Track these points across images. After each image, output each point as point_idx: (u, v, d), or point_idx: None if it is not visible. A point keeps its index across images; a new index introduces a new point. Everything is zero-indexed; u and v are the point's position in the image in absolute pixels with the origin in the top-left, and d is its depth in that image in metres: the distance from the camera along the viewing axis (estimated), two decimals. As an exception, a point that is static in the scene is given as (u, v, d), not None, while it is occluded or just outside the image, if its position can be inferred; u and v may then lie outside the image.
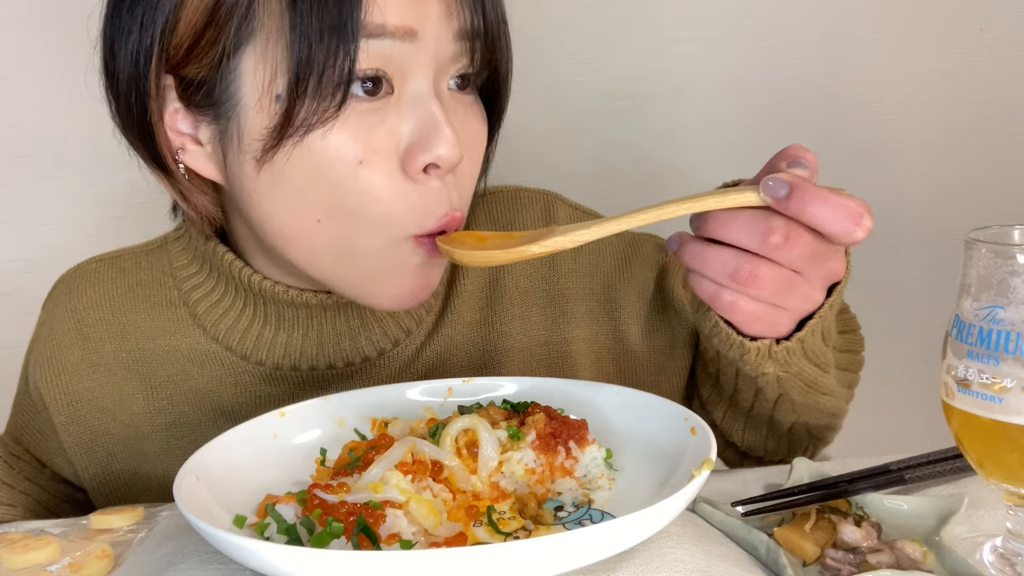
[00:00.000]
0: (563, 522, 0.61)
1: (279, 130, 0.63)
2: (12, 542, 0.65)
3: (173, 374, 0.83)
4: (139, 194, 1.38)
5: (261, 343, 0.80)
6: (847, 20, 1.38)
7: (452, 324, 0.85)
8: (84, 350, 0.84)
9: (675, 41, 1.38)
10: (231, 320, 0.80)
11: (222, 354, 0.81)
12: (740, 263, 0.60)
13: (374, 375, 0.83)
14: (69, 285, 0.87)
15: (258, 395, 0.82)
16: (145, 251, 0.87)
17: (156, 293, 0.84)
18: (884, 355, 1.53)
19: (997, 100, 1.42)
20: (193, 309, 0.82)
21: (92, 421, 0.84)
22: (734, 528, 0.63)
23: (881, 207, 1.45)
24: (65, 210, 1.37)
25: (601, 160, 1.41)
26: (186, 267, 0.83)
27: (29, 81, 1.33)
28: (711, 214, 0.61)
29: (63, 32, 1.32)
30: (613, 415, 0.71)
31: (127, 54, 0.68)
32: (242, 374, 0.81)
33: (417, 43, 0.65)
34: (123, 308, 0.84)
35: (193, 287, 0.82)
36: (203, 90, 0.67)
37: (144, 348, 0.83)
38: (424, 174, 0.67)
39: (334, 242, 0.69)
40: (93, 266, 0.88)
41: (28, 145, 1.35)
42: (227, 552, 0.52)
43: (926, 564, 0.58)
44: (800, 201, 0.59)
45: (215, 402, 0.82)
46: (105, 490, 0.87)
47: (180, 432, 0.83)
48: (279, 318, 0.79)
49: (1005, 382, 0.55)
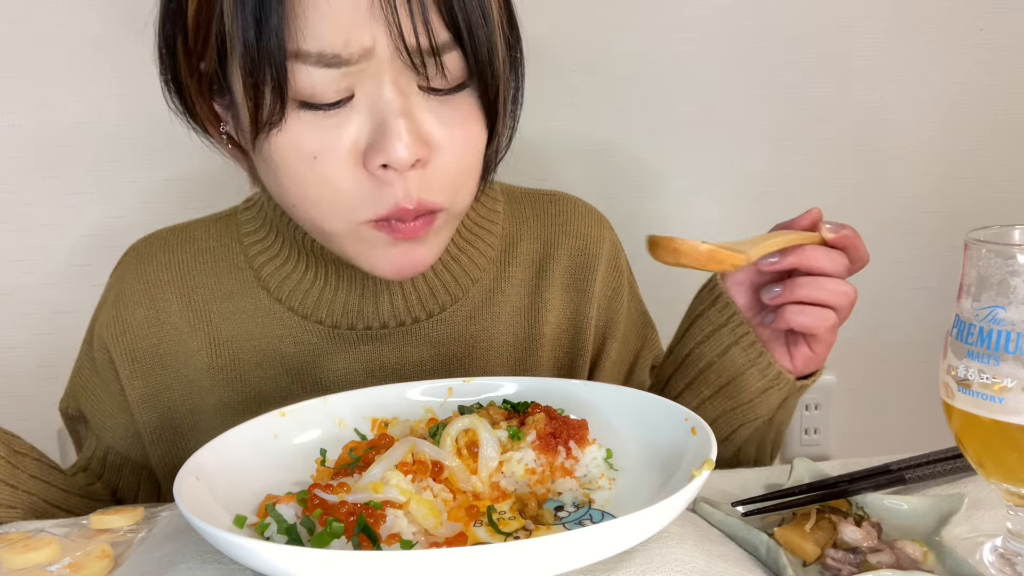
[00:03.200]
0: (563, 522, 0.61)
1: (254, 124, 0.70)
2: (12, 542, 0.65)
3: (237, 333, 0.88)
4: (140, 194, 1.38)
5: (322, 303, 0.86)
6: (847, 20, 1.38)
7: (500, 303, 0.91)
8: (150, 309, 0.90)
9: (675, 41, 1.38)
10: (294, 281, 0.87)
11: (284, 313, 0.87)
12: (851, 287, 0.76)
13: (423, 336, 0.88)
14: (139, 251, 0.93)
15: (316, 352, 0.87)
16: (215, 219, 0.94)
17: (224, 258, 0.90)
18: (884, 355, 1.54)
19: (997, 100, 1.42)
20: (259, 272, 0.88)
21: (154, 376, 0.90)
22: (734, 528, 0.63)
23: (881, 207, 1.46)
24: (65, 210, 1.38)
25: (601, 160, 1.41)
26: (253, 233, 0.89)
27: (29, 81, 1.33)
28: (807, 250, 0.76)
29: (63, 32, 1.32)
30: (613, 415, 0.71)
31: (163, 42, 0.75)
32: (302, 332, 0.87)
33: (371, 59, 0.68)
34: (191, 271, 0.90)
35: (259, 251, 0.88)
36: (215, 82, 0.74)
37: (210, 310, 0.89)
38: (383, 170, 0.70)
39: (310, 225, 0.76)
40: (164, 234, 0.94)
41: (28, 145, 1.35)
42: (227, 552, 0.52)
43: (926, 564, 0.58)
44: (853, 235, 0.77)
45: (276, 358, 0.88)
46: (163, 443, 0.92)
47: (241, 387, 0.89)
48: (337, 278, 0.86)
49: (1005, 382, 0.55)
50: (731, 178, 1.44)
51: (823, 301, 0.75)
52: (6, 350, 1.43)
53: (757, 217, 1.47)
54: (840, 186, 1.44)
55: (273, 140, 0.70)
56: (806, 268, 0.76)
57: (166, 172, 1.37)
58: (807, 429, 1.53)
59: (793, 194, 1.44)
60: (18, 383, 1.43)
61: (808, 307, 0.76)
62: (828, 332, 0.77)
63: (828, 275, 0.75)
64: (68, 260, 1.38)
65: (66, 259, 1.37)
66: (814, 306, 0.76)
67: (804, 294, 0.76)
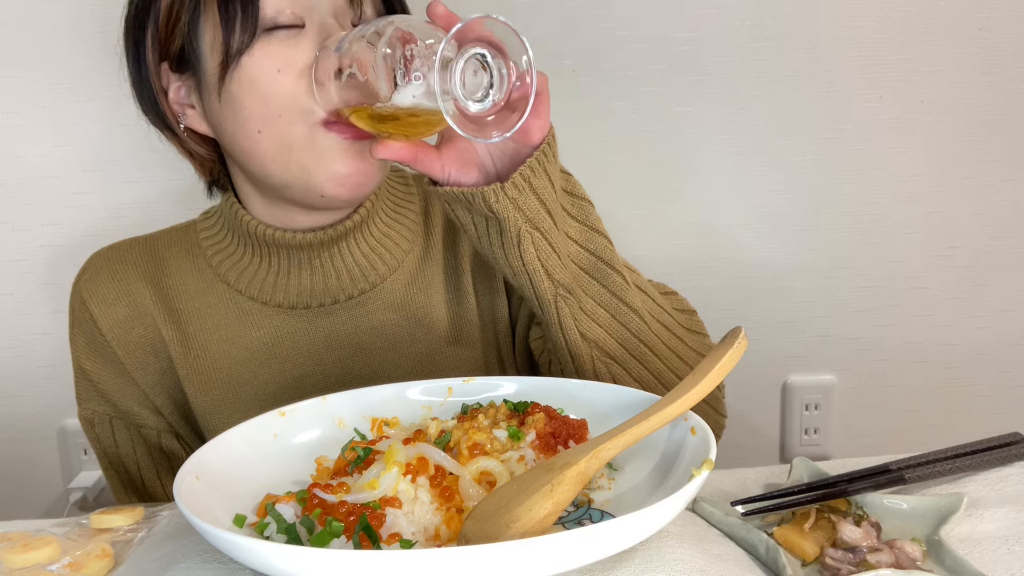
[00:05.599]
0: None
1: (223, 60, 0.83)
2: (12, 542, 0.65)
3: (206, 325, 0.96)
4: (138, 194, 1.38)
5: (277, 288, 0.95)
6: (847, 20, 1.38)
7: (431, 268, 0.99)
8: (129, 307, 0.96)
9: (675, 41, 1.38)
10: (251, 273, 0.95)
11: (245, 302, 0.96)
12: None
13: (371, 306, 0.95)
14: (107, 256, 0.99)
15: (279, 332, 0.95)
16: (174, 230, 1.02)
17: (186, 261, 0.98)
18: (884, 355, 1.54)
19: (997, 100, 1.42)
20: (218, 269, 0.96)
21: (151, 365, 0.97)
22: (734, 528, 0.63)
23: (881, 207, 1.46)
24: (65, 210, 1.38)
25: (601, 160, 1.41)
26: (211, 237, 0.98)
27: (30, 81, 1.33)
28: None
29: (63, 32, 1.32)
30: (613, 415, 0.70)
31: (136, 53, 0.90)
32: (263, 316, 0.95)
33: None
34: (158, 274, 0.98)
35: (216, 251, 0.97)
36: (182, 56, 0.87)
37: (180, 308, 0.97)
38: None
39: (274, 144, 0.84)
40: (126, 244, 1.00)
41: (28, 145, 1.35)
42: (227, 552, 0.52)
43: (926, 564, 0.58)
44: None
45: (243, 343, 0.96)
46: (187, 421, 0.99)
47: (214, 374, 0.96)
48: (288, 262, 0.94)
49: None
50: (730, 177, 1.44)
51: None
52: (6, 350, 1.43)
53: (757, 216, 1.48)
54: (840, 185, 1.44)
55: (240, 70, 0.82)
56: None
57: (165, 172, 1.37)
58: (807, 429, 1.53)
59: (793, 193, 1.44)
60: (18, 383, 1.43)
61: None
62: None
63: None
64: (68, 260, 1.38)
65: (66, 259, 1.37)
66: None
67: None
